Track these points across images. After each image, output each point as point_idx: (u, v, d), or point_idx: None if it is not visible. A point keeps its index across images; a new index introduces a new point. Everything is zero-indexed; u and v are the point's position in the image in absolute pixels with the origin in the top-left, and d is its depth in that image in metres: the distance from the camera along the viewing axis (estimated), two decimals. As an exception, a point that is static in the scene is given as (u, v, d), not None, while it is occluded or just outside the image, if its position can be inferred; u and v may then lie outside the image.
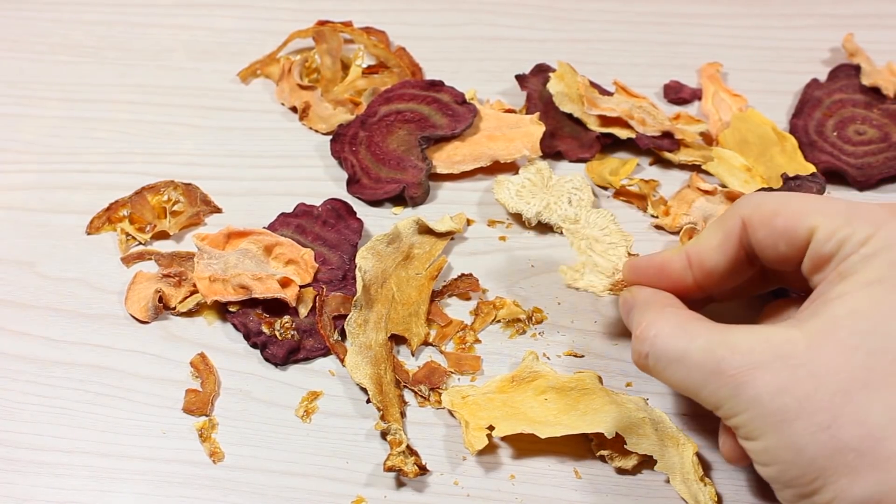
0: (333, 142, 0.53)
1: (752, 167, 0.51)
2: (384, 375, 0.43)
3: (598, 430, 0.39)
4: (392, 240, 0.47)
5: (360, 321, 0.45)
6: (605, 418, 0.40)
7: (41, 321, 0.46)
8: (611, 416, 0.40)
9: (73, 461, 0.41)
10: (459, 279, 0.47)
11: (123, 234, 0.49)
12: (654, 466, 0.40)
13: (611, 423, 0.40)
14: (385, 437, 0.41)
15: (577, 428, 0.40)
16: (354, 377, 0.43)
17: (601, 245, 0.44)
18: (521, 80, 0.56)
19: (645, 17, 0.61)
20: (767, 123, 0.53)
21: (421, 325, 0.45)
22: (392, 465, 0.39)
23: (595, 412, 0.41)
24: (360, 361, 0.43)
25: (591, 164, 0.52)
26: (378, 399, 0.42)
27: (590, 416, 0.41)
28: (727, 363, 0.34)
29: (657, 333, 0.36)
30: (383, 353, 0.44)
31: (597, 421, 0.40)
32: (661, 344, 0.36)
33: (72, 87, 0.58)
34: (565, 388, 0.42)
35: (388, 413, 0.42)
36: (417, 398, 0.43)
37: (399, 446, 0.40)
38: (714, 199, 0.50)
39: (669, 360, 0.35)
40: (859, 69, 0.56)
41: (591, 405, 0.41)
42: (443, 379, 0.44)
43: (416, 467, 0.39)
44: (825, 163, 0.51)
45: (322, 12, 0.60)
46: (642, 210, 0.50)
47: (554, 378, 0.42)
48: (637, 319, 0.37)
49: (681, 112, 0.54)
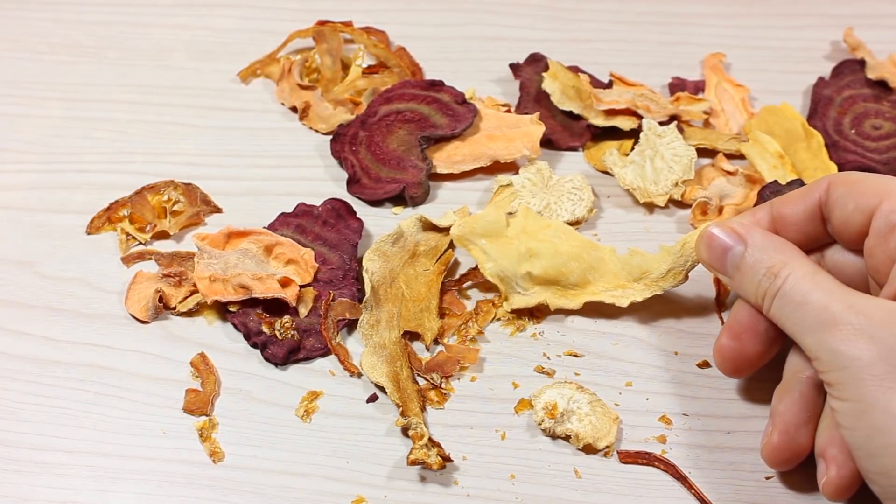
0: (333, 142, 0.53)
1: (784, 156, 0.51)
2: (401, 372, 0.43)
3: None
4: (396, 239, 0.47)
5: (371, 322, 0.45)
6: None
7: (41, 321, 0.46)
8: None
9: (73, 461, 0.41)
10: (477, 269, 0.47)
11: (123, 234, 0.49)
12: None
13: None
14: (406, 432, 0.41)
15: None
16: (371, 377, 0.43)
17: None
18: (515, 68, 0.56)
19: (645, 17, 0.61)
20: (797, 119, 0.53)
21: (433, 319, 0.45)
22: (416, 459, 0.39)
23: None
24: (375, 361, 0.43)
25: (590, 151, 0.53)
26: (397, 396, 0.42)
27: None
28: (841, 318, 0.35)
29: (791, 274, 0.37)
30: (398, 351, 0.44)
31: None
32: (791, 285, 0.37)
33: (72, 87, 0.58)
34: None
35: (407, 409, 0.42)
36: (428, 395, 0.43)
37: (421, 440, 0.40)
38: (734, 180, 0.50)
39: (795, 302, 0.36)
40: (863, 64, 0.55)
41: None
42: (455, 367, 0.44)
43: (440, 458, 0.39)
44: (853, 162, 0.51)
45: (322, 12, 0.60)
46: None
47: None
48: (759, 257, 0.38)
49: (680, 94, 0.54)
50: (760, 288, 0.38)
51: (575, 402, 0.42)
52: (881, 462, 0.34)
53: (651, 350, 0.45)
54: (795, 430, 0.38)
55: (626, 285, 0.45)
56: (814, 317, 0.36)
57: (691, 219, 0.49)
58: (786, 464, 0.39)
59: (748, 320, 0.39)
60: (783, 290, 0.37)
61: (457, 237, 0.46)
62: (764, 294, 0.38)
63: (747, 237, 0.39)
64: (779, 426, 0.38)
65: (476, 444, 0.42)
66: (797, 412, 0.38)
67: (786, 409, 0.38)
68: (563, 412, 0.42)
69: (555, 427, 0.41)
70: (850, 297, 0.36)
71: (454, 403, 0.43)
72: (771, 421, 0.39)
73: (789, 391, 0.39)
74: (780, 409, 0.39)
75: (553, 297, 0.45)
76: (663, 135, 0.51)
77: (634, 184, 0.50)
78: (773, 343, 0.40)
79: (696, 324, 0.46)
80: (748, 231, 0.39)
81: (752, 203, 0.48)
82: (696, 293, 0.47)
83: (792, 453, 0.38)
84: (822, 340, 0.35)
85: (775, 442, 0.38)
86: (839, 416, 0.35)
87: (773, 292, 0.37)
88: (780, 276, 0.37)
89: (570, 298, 0.45)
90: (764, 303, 0.38)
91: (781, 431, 0.38)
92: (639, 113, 0.53)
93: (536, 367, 0.44)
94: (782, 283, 0.37)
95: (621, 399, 0.43)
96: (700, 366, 0.44)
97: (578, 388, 0.43)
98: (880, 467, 0.34)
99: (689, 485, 0.40)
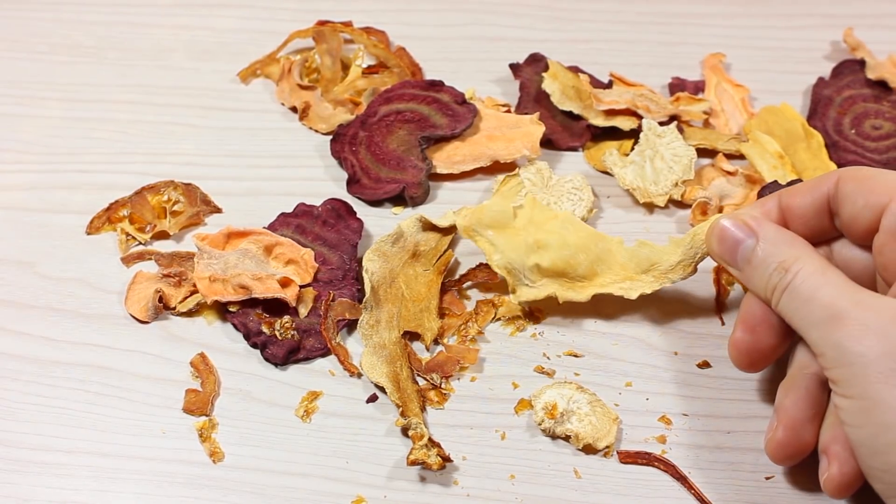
0: (333, 142, 0.53)
1: (784, 156, 0.51)
2: (401, 372, 0.43)
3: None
4: (396, 239, 0.47)
5: (371, 322, 0.45)
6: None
7: (41, 321, 0.46)
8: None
9: (73, 461, 0.41)
10: (478, 269, 0.47)
11: (123, 234, 0.49)
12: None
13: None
14: (406, 432, 0.41)
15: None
16: (371, 377, 0.43)
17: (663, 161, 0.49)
18: (515, 69, 0.56)
19: (645, 17, 0.61)
20: (797, 119, 0.53)
21: (433, 319, 0.45)
22: (415, 459, 0.39)
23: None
24: (375, 361, 0.43)
25: (590, 151, 0.53)
26: (396, 396, 0.42)
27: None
28: (849, 314, 0.35)
29: (801, 269, 0.37)
30: (398, 351, 0.44)
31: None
32: (801, 280, 0.37)
33: (72, 87, 0.58)
34: None
35: (407, 409, 0.42)
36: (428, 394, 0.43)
37: (421, 440, 0.40)
38: (734, 180, 0.50)
39: (804, 298, 0.36)
40: (863, 64, 0.55)
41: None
42: (455, 367, 0.44)
43: (440, 458, 0.39)
44: (853, 162, 0.51)
45: (322, 12, 0.60)
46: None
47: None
48: (770, 251, 0.38)
49: (680, 94, 0.54)
50: (770, 282, 0.38)
51: (575, 403, 0.42)
52: (885, 459, 0.34)
53: (651, 350, 0.45)
54: (801, 426, 0.38)
55: (634, 277, 0.44)
56: (822, 312, 0.35)
57: (691, 219, 0.49)
58: (789, 459, 0.39)
59: (761, 313, 0.39)
60: (793, 285, 0.37)
61: (463, 228, 0.45)
62: (774, 288, 0.38)
63: (759, 231, 0.39)
64: (784, 422, 0.38)
65: (476, 444, 0.42)
66: (803, 408, 0.38)
67: (791, 405, 0.38)
68: (562, 412, 0.42)
69: (555, 427, 0.41)
70: (859, 293, 0.36)
71: (454, 403, 0.43)
72: (776, 416, 0.39)
73: (795, 387, 0.39)
74: (785, 404, 0.39)
75: (561, 289, 0.45)
76: (663, 135, 0.51)
77: (634, 184, 0.50)
78: (788, 335, 0.39)
79: (696, 324, 0.46)
80: (760, 225, 0.39)
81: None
82: (696, 293, 0.47)
83: (796, 449, 0.38)
84: (828, 335, 0.35)
85: (780, 437, 0.38)
86: (843, 414, 0.35)
87: (784, 287, 0.37)
88: (790, 270, 0.37)
89: (578, 291, 0.45)
90: (773, 297, 0.38)
91: (787, 427, 0.38)
92: (639, 113, 0.53)
93: (536, 368, 0.44)
94: (793, 277, 0.37)
95: (621, 399, 0.43)
96: (700, 366, 0.44)
97: (578, 388, 0.43)
98: (884, 465, 0.34)
99: (689, 485, 0.40)
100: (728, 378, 0.43)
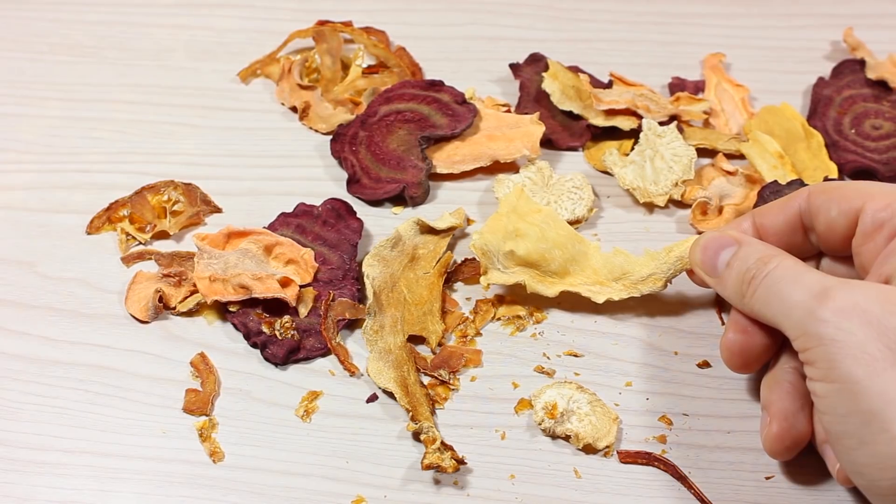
0: (333, 142, 0.53)
1: (784, 156, 0.51)
2: (408, 376, 0.43)
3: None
4: (395, 243, 0.47)
5: (375, 327, 0.45)
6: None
7: (41, 321, 0.46)
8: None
9: (73, 461, 0.41)
10: (464, 264, 0.48)
11: (123, 234, 0.49)
12: None
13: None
14: (418, 437, 0.41)
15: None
16: (379, 382, 0.43)
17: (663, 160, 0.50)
18: (515, 68, 0.57)
19: (645, 17, 0.61)
20: (797, 119, 0.53)
21: (436, 322, 0.45)
22: (430, 463, 0.39)
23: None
24: (381, 367, 0.43)
25: (590, 151, 0.53)
26: (406, 401, 0.42)
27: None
28: (834, 289, 0.35)
29: (782, 262, 0.38)
30: (404, 355, 0.44)
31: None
32: (783, 269, 0.37)
33: (72, 87, 0.58)
34: None
35: (417, 413, 0.42)
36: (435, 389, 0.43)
37: (434, 444, 0.40)
38: (734, 180, 0.50)
39: (787, 280, 0.37)
40: (863, 64, 0.55)
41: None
42: (461, 362, 0.44)
43: (454, 461, 0.39)
44: (853, 162, 0.51)
45: (322, 12, 0.60)
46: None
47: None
48: (751, 251, 0.39)
49: (680, 94, 0.54)
50: (748, 275, 0.38)
51: (575, 402, 0.42)
52: (873, 450, 0.33)
53: (651, 350, 0.45)
54: (793, 416, 0.38)
55: (604, 283, 0.45)
56: (807, 291, 0.35)
57: (691, 219, 0.49)
58: (788, 451, 0.39)
59: None
60: (774, 274, 0.37)
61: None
62: (751, 279, 0.38)
63: (742, 240, 0.40)
64: (776, 415, 0.38)
65: (476, 444, 0.42)
66: (790, 400, 0.38)
67: (778, 399, 0.39)
68: (563, 412, 0.42)
69: (555, 427, 0.41)
70: (828, 281, 0.36)
71: (454, 403, 0.43)
72: (766, 412, 0.39)
73: (778, 381, 0.39)
74: (772, 398, 0.39)
75: (531, 280, 0.45)
76: (663, 135, 0.51)
77: (634, 184, 0.50)
78: (779, 334, 0.39)
79: (696, 324, 0.46)
80: (742, 236, 0.40)
81: (752, 203, 0.49)
82: (696, 293, 0.47)
83: (793, 440, 0.38)
84: (811, 313, 0.35)
85: (775, 431, 0.38)
86: (823, 403, 0.34)
87: (763, 275, 0.38)
88: (771, 262, 0.38)
89: (547, 285, 0.45)
90: (749, 288, 0.38)
91: (780, 419, 0.38)
92: (639, 113, 0.53)
93: (536, 367, 0.44)
94: (774, 267, 0.37)
95: (621, 399, 0.43)
96: (700, 366, 0.44)
97: (578, 388, 0.43)
98: (871, 457, 0.33)
99: (689, 485, 0.40)
100: (728, 378, 0.43)
